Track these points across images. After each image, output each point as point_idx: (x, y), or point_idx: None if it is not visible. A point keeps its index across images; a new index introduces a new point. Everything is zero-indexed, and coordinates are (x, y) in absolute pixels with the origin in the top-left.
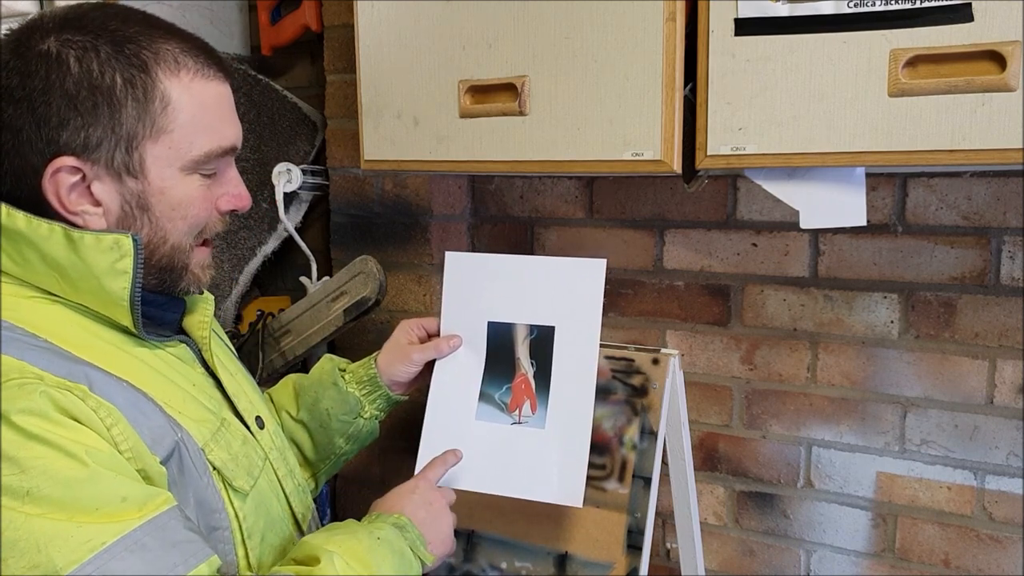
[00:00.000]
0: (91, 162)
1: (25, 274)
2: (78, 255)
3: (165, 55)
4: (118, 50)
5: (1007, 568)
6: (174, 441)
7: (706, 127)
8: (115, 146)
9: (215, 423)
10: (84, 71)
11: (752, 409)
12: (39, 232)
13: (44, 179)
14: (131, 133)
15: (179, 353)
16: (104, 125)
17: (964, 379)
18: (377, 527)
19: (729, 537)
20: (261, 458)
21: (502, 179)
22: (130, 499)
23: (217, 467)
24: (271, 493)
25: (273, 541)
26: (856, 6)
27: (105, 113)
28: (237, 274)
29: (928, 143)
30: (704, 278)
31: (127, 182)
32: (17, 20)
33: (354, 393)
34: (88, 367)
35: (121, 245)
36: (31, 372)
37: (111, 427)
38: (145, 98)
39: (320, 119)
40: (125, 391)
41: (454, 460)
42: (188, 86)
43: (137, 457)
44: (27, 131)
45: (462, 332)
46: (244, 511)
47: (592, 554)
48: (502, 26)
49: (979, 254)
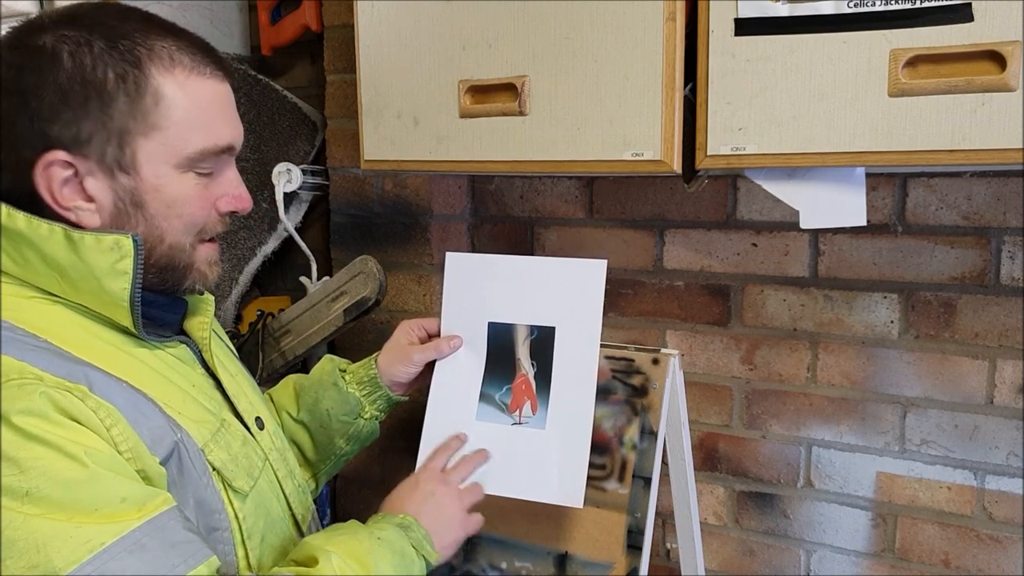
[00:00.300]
0: (83, 156)
1: (25, 274)
2: (78, 255)
3: (160, 51)
4: (112, 45)
5: (1007, 568)
6: (173, 441)
7: (706, 127)
8: (106, 141)
9: (215, 424)
10: (77, 65)
11: (752, 409)
12: (39, 232)
13: (36, 173)
14: (122, 128)
15: (179, 354)
16: (95, 119)
17: (964, 379)
18: (380, 527)
19: (729, 537)
20: (261, 459)
21: (502, 179)
22: (129, 499)
23: (217, 468)
24: (271, 494)
25: (273, 542)
26: (856, 6)
27: (96, 107)
28: (237, 274)
29: (928, 143)
30: (704, 278)
31: (120, 178)
32: (17, 20)
33: (354, 394)
34: (88, 367)
35: (121, 246)
36: (31, 373)
37: (110, 427)
38: (137, 93)
39: (320, 119)
40: (125, 391)
41: (457, 445)
42: (183, 83)
43: (137, 457)
44: (20, 124)
45: (462, 333)
46: (244, 512)
47: (592, 554)
48: (502, 26)
49: (979, 254)
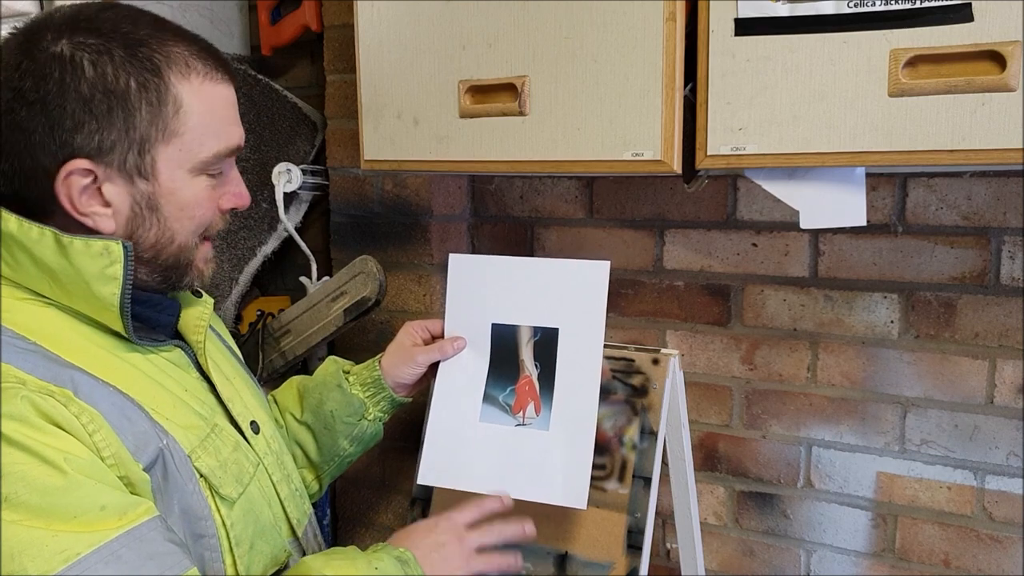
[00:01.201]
0: (104, 164)
1: (18, 276)
2: (68, 260)
3: (176, 59)
4: (131, 53)
5: (1007, 568)
6: (158, 448)
7: (706, 127)
8: (128, 149)
9: (205, 429)
10: (99, 75)
11: (752, 409)
12: (30, 236)
13: (57, 182)
14: (144, 136)
15: (173, 357)
16: (118, 129)
17: (964, 379)
18: (378, 557)
19: (729, 537)
20: (253, 464)
21: (502, 179)
22: (109, 507)
23: (204, 474)
24: (262, 500)
25: (263, 549)
26: (856, 6)
27: (120, 117)
28: (237, 274)
29: (928, 143)
30: (704, 278)
31: (138, 184)
32: (17, 20)
33: (358, 395)
34: (75, 371)
35: (111, 251)
36: (13, 376)
37: (93, 433)
38: (159, 102)
39: (320, 119)
40: (111, 396)
41: (495, 507)
42: (198, 89)
43: (119, 464)
44: (39, 133)
45: (466, 334)
46: (232, 519)
47: (592, 554)
48: (502, 26)
49: (979, 254)
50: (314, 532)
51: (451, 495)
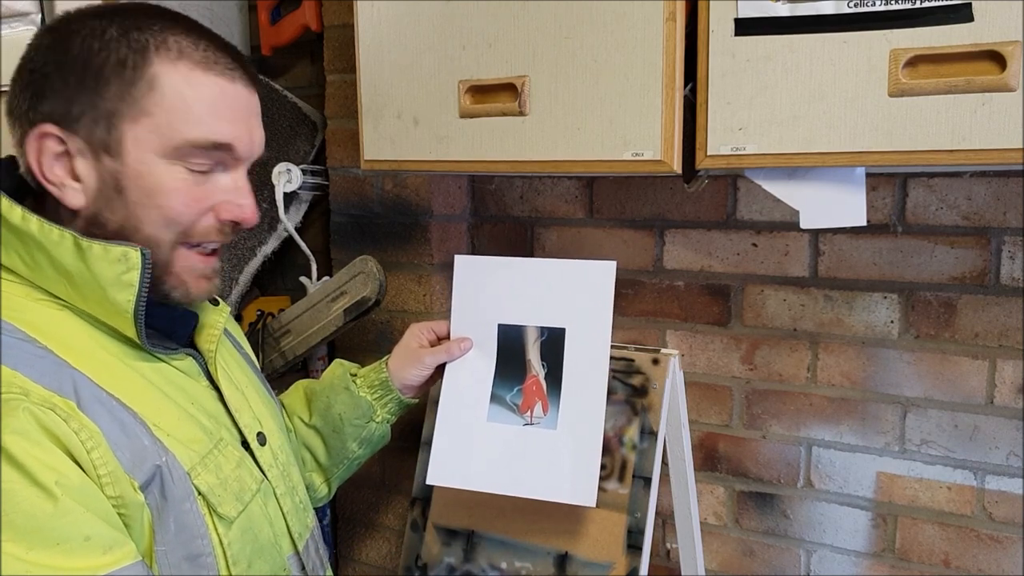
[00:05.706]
0: (73, 133)
1: (36, 277)
2: (85, 264)
3: (171, 44)
4: (123, 34)
5: (1007, 568)
6: (155, 466)
7: (706, 127)
8: (95, 121)
9: (208, 444)
10: (84, 48)
11: (752, 409)
12: (50, 237)
13: (28, 145)
14: (111, 110)
15: (184, 367)
16: (86, 99)
17: (964, 379)
18: None
19: (729, 537)
20: (256, 481)
21: (502, 179)
22: (94, 539)
23: (203, 492)
24: (263, 518)
25: (261, 568)
26: (856, 6)
27: (90, 87)
28: (237, 274)
29: (928, 143)
30: (704, 278)
31: (105, 161)
32: (17, 20)
33: (366, 397)
34: (81, 380)
35: (129, 258)
36: (17, 386)
37: (91, 451)
38: (133, 78)
39: (320, 119)
40: (113, 410)
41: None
42: (185, 75)
43: (115, 482)
44: (23, 99)
45: (472, 335)
46: (229, 538)
47: (592, 554)
48: (502, 26)
49: (979, 254)
50: (316, 546)
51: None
